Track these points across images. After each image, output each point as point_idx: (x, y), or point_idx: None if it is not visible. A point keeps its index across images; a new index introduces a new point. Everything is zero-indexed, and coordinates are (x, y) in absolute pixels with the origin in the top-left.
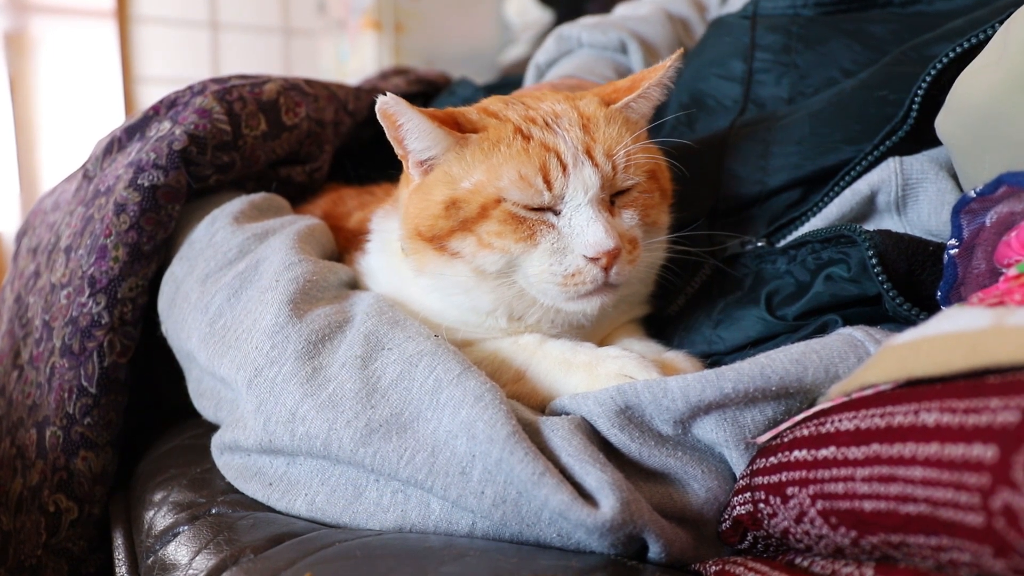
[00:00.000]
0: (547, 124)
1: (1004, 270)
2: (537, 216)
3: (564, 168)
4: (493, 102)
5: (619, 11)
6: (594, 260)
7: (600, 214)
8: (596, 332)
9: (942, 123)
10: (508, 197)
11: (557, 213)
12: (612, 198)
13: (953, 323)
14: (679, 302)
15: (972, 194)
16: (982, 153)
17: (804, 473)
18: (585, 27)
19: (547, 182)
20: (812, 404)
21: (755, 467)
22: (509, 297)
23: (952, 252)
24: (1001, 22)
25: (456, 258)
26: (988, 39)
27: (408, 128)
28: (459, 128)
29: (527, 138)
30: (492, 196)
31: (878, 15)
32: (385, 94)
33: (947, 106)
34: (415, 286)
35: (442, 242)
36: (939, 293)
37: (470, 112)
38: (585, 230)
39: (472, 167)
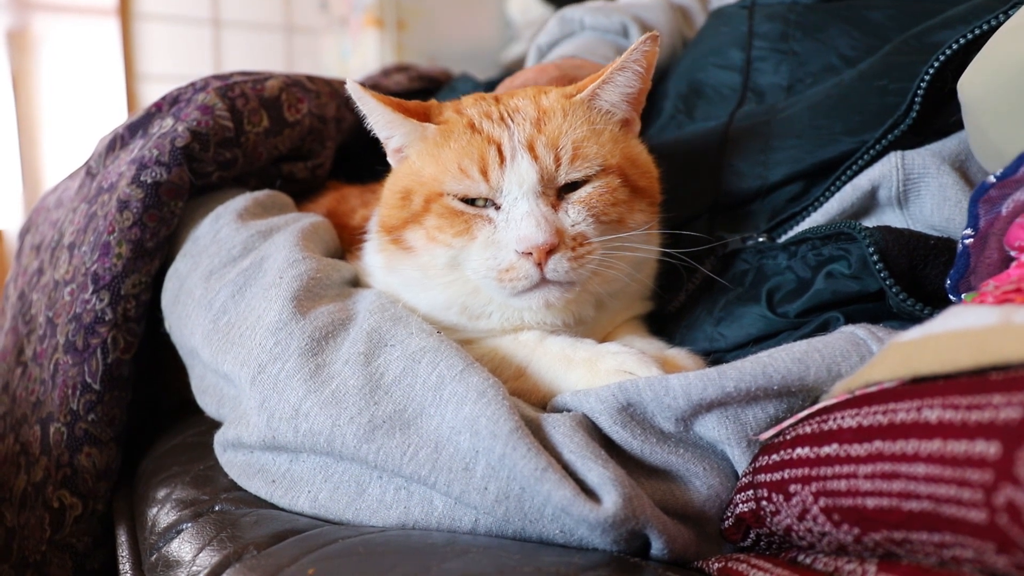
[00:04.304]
0: (502, 118)
1: (1013, 253)
2: (475, 211)
3: (502, 160)
4: (468, 98)
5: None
6: (526, 255)
7: (537, 208)
8: (597, 329)
9: (971, 83)
10: (448, 190)
11: (498, 208)
12: (562, 192)
13: (960, 321)
14: (680, 299)
15: (992, 179)
16: (1018, 116)
17: (807, 470)
18: (588, 10)
19: (484, 173)
20: (814, 402)
21: (758, 464)
22: (464, 294)
23: (967, 242)
24: (1006, 12)
25: (411, 252)
26: (993, 29)
27: (369, 114)
28: (428, 119)
29: (477, 132)
30: (435, 190)
31: (877, 1)
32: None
33: (980, 65)
34: (392, 282)
35: (398, 233)
36: (948, 282)
37: (444, 106)
38: (518, 224)
39: (427, 160)
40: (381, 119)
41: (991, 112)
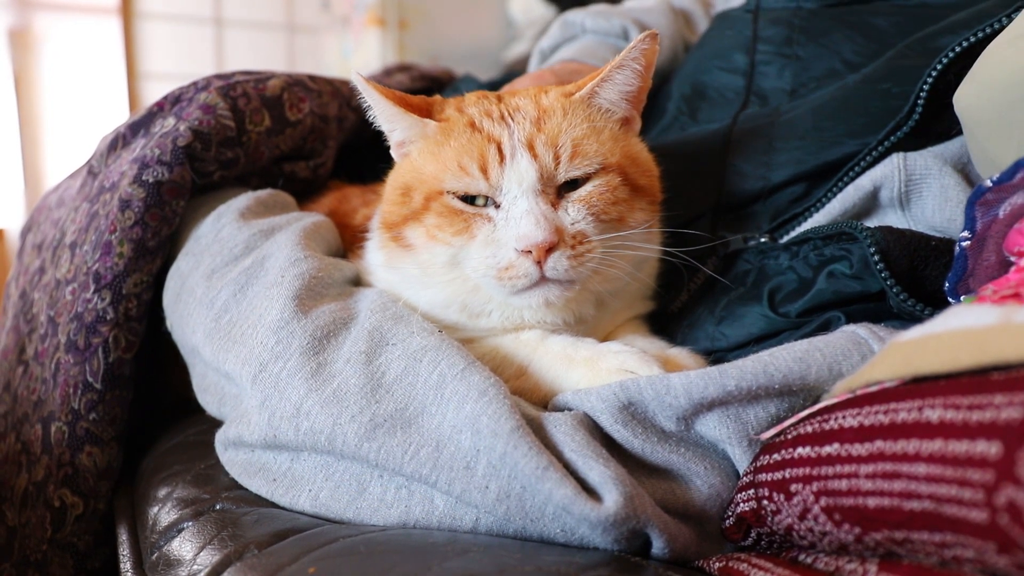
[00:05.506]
0: (503, 117)
1: (1012, 258)
2: (475, 210)
3: (502, 159)
4: (470, 97)
5: (627, 4)
6: (526, 253)
7: (536, 206)
8: (598, 328)
9: (964, 97)
10: (447, 187)
11: (498, 206)
12: (562, 191)
13: (960, 320)
14: (682, 299)
15: (988, 183)
16: (1010, 129)
17: (808, 470)
18: (589, 13)
19: (483, 171)
20: (816, 401)
21: (759, 464)
22: (464, 292)
23: (964, 244)
24: (1009, 16)
25: (411, 250)
26: (996, 33)
27: (372, 107)
28: (430, 115)
29: (477, 131)
30: (435, 188)
31: (881, 7)
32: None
33: (971, 79)
34: (392, 279)
35: (398, 230)
36: (947, 285)
37: (447, 103)
38: (518, 222)
39: (428, 157)
40: (383, 112)
41: (985, 125)
